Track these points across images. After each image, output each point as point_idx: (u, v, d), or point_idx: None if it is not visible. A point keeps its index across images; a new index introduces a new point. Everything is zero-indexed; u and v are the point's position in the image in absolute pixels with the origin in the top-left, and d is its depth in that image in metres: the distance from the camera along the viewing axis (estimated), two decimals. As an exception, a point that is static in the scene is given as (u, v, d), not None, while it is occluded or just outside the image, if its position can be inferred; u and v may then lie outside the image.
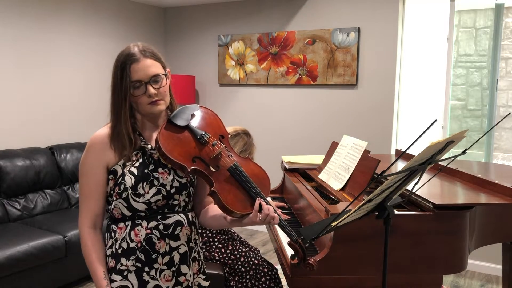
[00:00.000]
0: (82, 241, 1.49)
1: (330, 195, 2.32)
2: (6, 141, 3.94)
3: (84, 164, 1.48)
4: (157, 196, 1.46)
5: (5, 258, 3.02)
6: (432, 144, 1.32)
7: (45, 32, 4.22)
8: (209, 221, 1.57)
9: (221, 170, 1.46)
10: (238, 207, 1.42)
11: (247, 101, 5.01)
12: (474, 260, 3.91)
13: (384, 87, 4.23)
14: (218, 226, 1.56)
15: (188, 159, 1.44)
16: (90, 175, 1.47)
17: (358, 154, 2.30)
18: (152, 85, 1.43)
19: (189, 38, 5.36)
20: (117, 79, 1.42)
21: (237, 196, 1.43)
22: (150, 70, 1.43)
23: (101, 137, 1.48)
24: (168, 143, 1.44)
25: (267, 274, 2.50)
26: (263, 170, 1.55)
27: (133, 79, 1.41)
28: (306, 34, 4.54)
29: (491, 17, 5.26)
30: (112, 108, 1.46)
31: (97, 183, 1.46)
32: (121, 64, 1.42)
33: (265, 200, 1.44)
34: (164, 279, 1.49)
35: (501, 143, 5.34)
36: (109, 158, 1.46)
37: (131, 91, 1.42)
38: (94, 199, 1.47)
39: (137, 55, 1.42)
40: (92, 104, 4.64)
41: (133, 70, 1.41)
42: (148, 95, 1.42)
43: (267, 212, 1.39)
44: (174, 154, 1.42)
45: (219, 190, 1.41)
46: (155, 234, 1.47)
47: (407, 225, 1.86)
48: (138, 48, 1.45)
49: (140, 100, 1.43)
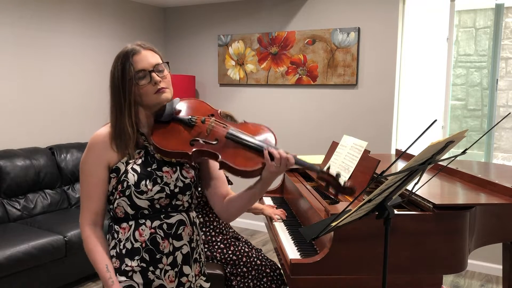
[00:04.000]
0: (83, 238, 1.50)
1: (330, 195, 2.32)
2: (6, 141, 3.94)
3: (85, 163, 1.48)
4: (160, 194, 1.46)
5: (5, 258, 3.02)
6: (432, 144, 1.32)
7: (45, 32, 4.22)
8: (238, 204, 1.53)
9: (220, 141, 1.47)
10: (250, 165, 1.42)
11: (247, 101, 5.01)
12: (474, 260, 3.91)
13: (384, 87, 4.23)
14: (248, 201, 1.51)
15: (186, 144, 1.46)
16: (90, 174, 1.47)
17: (358, 154, 2.30)
18: (156, 73, 1.45)
19: (189, 38, 5.37)
20: (119, 74, 1.44)
21: (245, 156, 1.44)
22: (151, 59, 1.46)
23: (102, 136, 1.48)
24: (162, 139, 1.46)
25: (269, 274, 2.49)
26: (263, 125, 1.56)
27: (137, 69, 1.43)
28: (306, 34, 4.54)
29: (491, 17, 5.26)
30: (113, 105, 1.47)
31: (98, 182, 1.47)
32: (122, 58, 1.44)
33: (273, 147, 1.43)
34: (168, 280, 1.50)
35: (501, 143, 5.34)
36: (110, 157, 1.46)
37: (136, 81, 1.43)
38: (95, 198, 1.47)
39: (137, 48, 1.46)
40: (92, 104, 4.64)
41: (135, 61, 1.44)
42: (153, 82, 1.44)
43: (279, 156, 1.38)
44: (171, 146, 1.44)
45: (226, 158, 1.43)
46: (159, 233, 1.48)
47: (407, 225, 1.86)
48: (135, 43, 1.48)
49: (145, 90, 1.44)
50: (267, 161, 1.39)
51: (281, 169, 1.39)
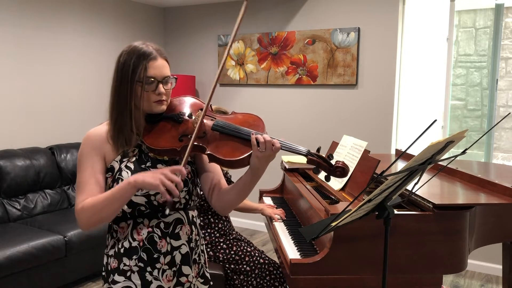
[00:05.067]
0: (79, 210, 1.41)
1: (330, 195, 2.32)
2: (6, 141, 3.94)
3: (81, 154, 1.47)
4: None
5: (5, 258, 3.02)
6: (432, 144, 1.32)
7: (45, 32, 4.22)
8: (231, 195, 1.51)
9: (208, 134, 1.47)
10: (237, 154, 1.42)
11: (247, 101, 5.01)
12: (474, 260, 3.91)
13: (384, 87, 4.23)
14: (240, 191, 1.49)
15: (175, 141, 1.46)
16: (87, 162, 1.45)
17: (358, 154, 2.30)
18: (163, 85, 1.47)
19: (189, 38, 5.37)
20: (130, 70, 1.43)
21: (232, 146, 1.44)
22: (164, 71, 1.47)
23: (100, 132, 1.49)
24: (153, 139, 1.47)
25: (272, 273, 2.50)
26: (252, 114, 1.55)
27: (149, 74, 1.44)
28: (306, 34, 4.54)
29: (491, 17, 5.26)
30: (116, 100, 1.46)
31: (95, 170, 1.45)
32: (137, 58, 1.44)
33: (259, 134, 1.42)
34: (166, 279, 1.50)
35: (501, 143, 5.34)
36: (106, 150, 1.47)
37: (144, 86, 1.43)
38: (91, 184, 1.44)
39: (154, 53, 1.46)
40: (92, 104, 4.64)
41: (151, 66, 1.44)
42: (157, 93, 1.46)
43: (263, 140, 1.37)
44: (161, 144, 1.45)
45: (213, 150, 1.43)
46: (156, 232, 1.47)
47: (407, 225, 1.86)
48: (152, 47, 1.48)
49: (147, 96, 1.45)
50: (253, 146, 1.38)
51: (266, 154, 1.38)
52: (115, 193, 1.37)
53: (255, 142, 1.38)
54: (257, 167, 1.41)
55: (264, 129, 1.49)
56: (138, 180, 1.33)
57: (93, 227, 1.44)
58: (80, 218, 1.42)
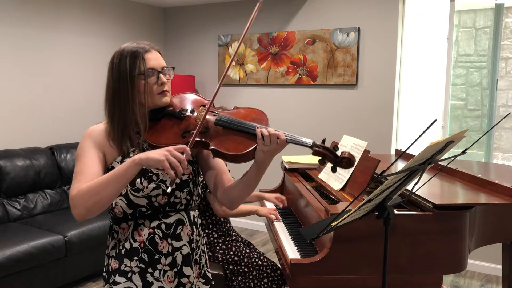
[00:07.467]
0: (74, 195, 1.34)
1: (330, 195, 2.32)
2: (6, 141, 3.94)
3: (81, 147, 1.45)
4: (157, 191, 1.45)
5: (5, 258, 3.02)
6: (432, 144, 1.32)
7: (45, 32, 4.22)
8: (237, 189, 1.50)
9: (211, 129, 1.46)
10: (241, 148, 1.40)
11: (247, 101, 5.01)
12: (474, 260, 3.91)
13: (384, 87, 4.23)
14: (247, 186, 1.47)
15: (178, 137, 1.45)
16: (87, 154, 1.43)
17: (358, 154, 2.30)
18: (163, 75, 1.47)
19: (189, 38, 5.37)
20: (126, 69, 1.43)
21: (236, 141, 1.42)
22: (161, 61, 1.49)
23: (100, 129, 1.48)
24: (155, 136, 1.46)
25: (270, 275, 2.50)
26: (255, 108, 1.54)
27: (148, 66, 1.44)
28: (306, 34, 4.54)
29: (491, 17, 5.26)
30: (116, 102, 1.44)
31: (93, 161, 1.42)
32: (132, 54, 1.44)
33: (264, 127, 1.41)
34: (167, 280, 1.49)
35: (501, 143, 5.34)
36: (107, 149, 1.45)
37: (146, 78, 1.43)
38: (89, 173, 1.39)
39: (147, 47, 1.47)
40: (92, 104, 4.63)
41: (147, 58, 1.45)
42: (160, 83, 1.46)
43: (268, 134, 1.36)
44: (163, 141, 1.44)
45: (216, 145, 1.42)
46: (157, 233, 1.47)
47: (407, 225, 1.86)
48: (143, 43, 1.49)
49: (150, 89, 1.45)
50: (259, 140, 1.37)
51: (272, 147, 1.37)
52: (116, 172, 1.32)
53: (261, 136, 1.37)
54: (262, 161, 1.41)
55: (268, 122, 1.47)
56: (143, 157, 1.30)
57: (88, 214, 1.34)
58: (74, 204, 1.34)
